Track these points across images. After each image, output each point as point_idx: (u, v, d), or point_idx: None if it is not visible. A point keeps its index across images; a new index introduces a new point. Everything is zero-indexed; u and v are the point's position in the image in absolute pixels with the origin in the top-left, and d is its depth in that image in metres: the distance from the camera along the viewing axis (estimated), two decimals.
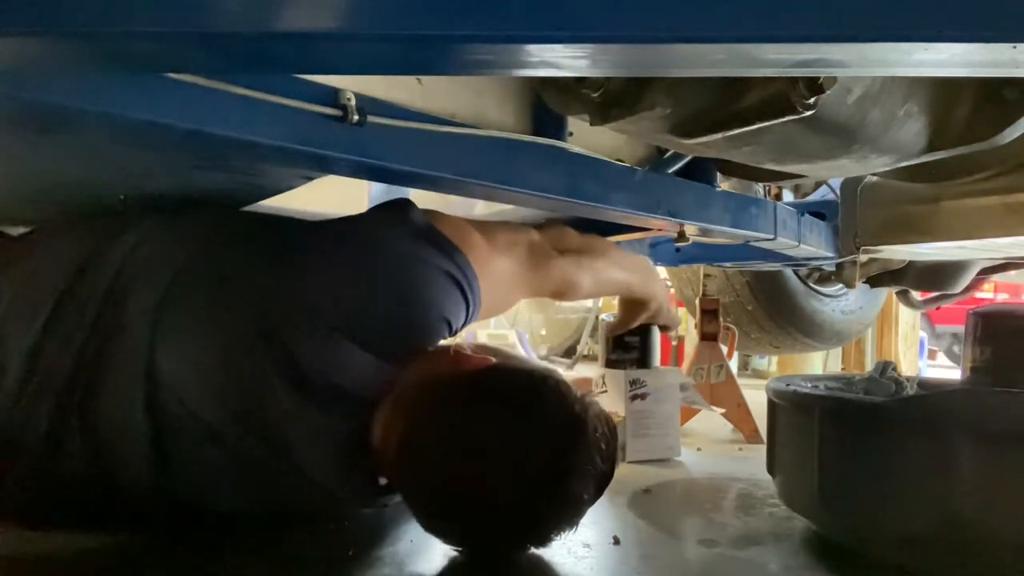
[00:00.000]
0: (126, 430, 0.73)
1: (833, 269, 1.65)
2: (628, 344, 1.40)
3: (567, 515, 0.76)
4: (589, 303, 5.24)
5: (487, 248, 0.88)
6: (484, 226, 0.92)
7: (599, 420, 0.78)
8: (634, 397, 1.43)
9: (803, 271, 1.97)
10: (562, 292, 1.01)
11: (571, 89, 0.71)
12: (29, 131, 0.64)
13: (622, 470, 0.85)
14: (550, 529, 0.76)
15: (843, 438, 0.89)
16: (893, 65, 0.47)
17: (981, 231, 1.18)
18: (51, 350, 0.73)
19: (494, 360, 0.83)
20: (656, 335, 1.42)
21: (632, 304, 1.25)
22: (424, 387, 0.77)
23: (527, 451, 0.73)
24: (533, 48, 0.43)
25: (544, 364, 0.95)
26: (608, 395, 1.47)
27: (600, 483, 0.79)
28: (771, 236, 1.28)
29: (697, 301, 1.83)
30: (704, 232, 1.21)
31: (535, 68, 0.47)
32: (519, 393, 0.77)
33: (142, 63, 0.50)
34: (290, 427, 0.74)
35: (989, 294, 4.96)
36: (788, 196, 1.77)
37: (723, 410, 1.66)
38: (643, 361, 1.41)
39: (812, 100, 0.62)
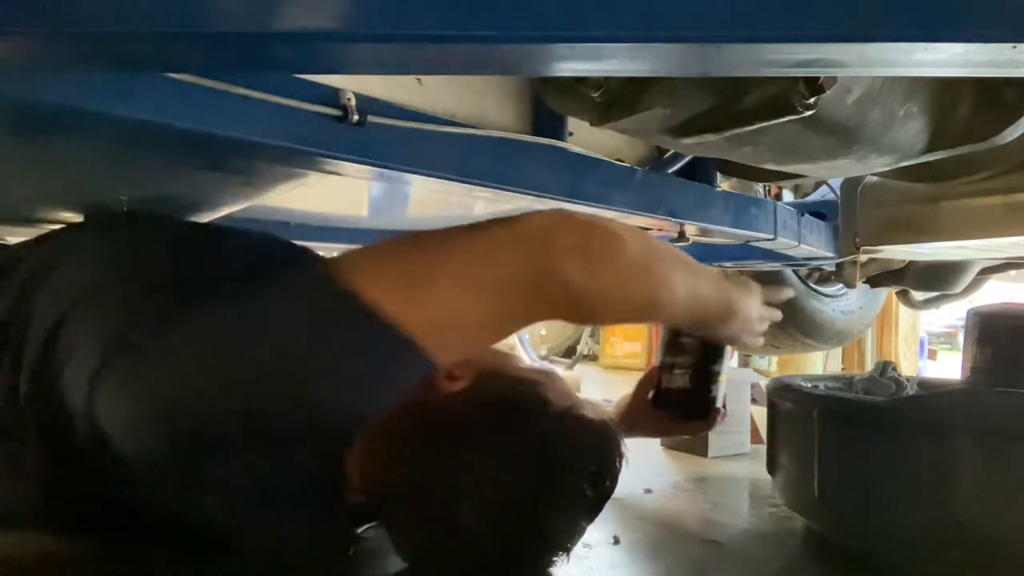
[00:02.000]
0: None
1: (833, 269, 1.65)
2: (681, 346, 0.97)
3: (550, 548, 0.73)
4: None
5: (430, 302, 0.61)
6: (442, 252, 0.62)
7: (583, 441, 0.72)
8: None
9: (803, 271, 1.97)
10: (578, 315, 0.66)
11: (571, 89, 0.70)
12: (29, 131, 0.64)
13: (625, 470, 0.84)
14: (537, 563, 0.73)
15: (843, 438, 0.89)
16: (893, 65, 0.47)
17: (981, 231, 1.18)
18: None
19: (464, 384, 0.73)
20: (724, 357, 0.99)
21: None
22: (391, 425, 0.71)
23: (496, 489, 0.68)
24: (533, 48, 0.43)
25: (532, 369, 0.83)
26: None
27: (592, 505, 0.75)
28: (771, 236, 1.28)
29: None
30: (704, 232, 1.21)
31: (536, 68, 0.47)
32: (485, 427, 0.71)
33: (142, 63, 0.50)
34: (237, 506, 0.67)
35: None
36: (788, 196, 1.77)
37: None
38: (701, 377, 0.96)
39: (812, 100, 0.62)
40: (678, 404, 1.00)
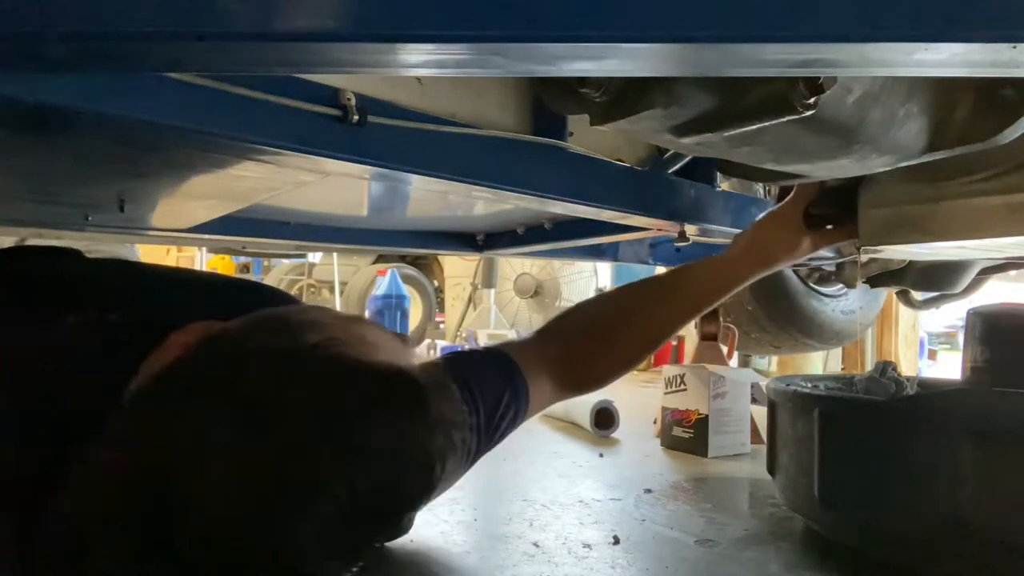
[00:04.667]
0: None
1: (833, 269, 1.65)
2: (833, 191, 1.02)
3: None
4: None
5: None
6: None
7: (334, 395, 0.47)
8: (716, 396, 1.46)
9: (803, 271, 1.97)
10: None
11: (571, 89, 0.71)
12: (29, 131, 0.64)
13: (625, 470, 0.83)
14: None
15: (843, 438, 0.89)
16: (893, 65, 0.47)
17: (981, 231, 1.18)
18: None
19: (194, 339, 0.51)
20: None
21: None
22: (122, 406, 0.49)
23: (193, 486, 0.44)
24: (535, 48, 0.43)
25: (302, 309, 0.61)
26: (687, 394, 1.49)
27: (374, 505, 0.47)
28: None
29: None
30: (704, 232, 1.21)
31: (536, 68, 0.47)
32: (179, 396, 0.48)
33: (142, 63, 0.50)
34: None
35: None
36: None
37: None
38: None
39: (812, 100, 0.62)
40: (846, 202, 1.02)
